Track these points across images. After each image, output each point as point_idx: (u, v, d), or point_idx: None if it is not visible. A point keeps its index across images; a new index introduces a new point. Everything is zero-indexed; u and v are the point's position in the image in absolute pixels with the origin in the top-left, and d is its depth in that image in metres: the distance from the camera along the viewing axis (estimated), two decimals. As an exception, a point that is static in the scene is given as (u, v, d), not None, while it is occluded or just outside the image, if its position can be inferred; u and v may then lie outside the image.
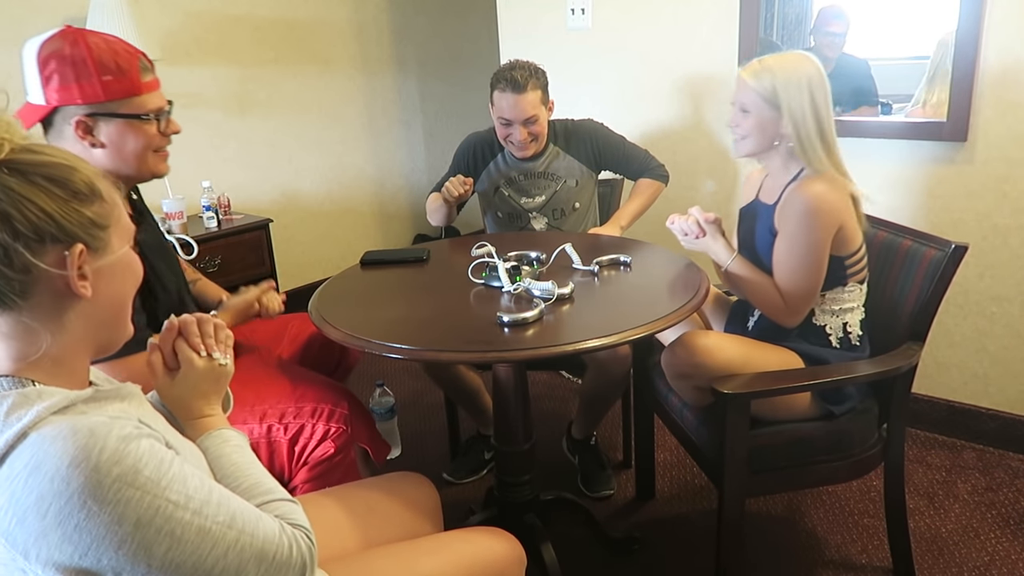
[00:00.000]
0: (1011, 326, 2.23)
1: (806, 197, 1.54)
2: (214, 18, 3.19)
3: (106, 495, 0.71)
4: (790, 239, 1.58)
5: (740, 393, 1.49)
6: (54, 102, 1.33)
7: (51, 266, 0.78)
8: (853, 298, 1.65)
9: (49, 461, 0.71)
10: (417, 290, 1.76)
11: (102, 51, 1.34)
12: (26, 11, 2.63)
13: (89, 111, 1.34)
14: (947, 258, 1.58)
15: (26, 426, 0.74)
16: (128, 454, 0.74)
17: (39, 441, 0.73)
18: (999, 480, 2.18)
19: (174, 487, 0.76)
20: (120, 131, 1.37)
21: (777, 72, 1.56)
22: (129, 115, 1.37)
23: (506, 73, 2.11)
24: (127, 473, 0.73)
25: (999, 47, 2.03)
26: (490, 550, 1.21)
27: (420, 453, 2.48)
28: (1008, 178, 2.12)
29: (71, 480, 0.71)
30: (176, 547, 0.76)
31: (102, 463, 0.72)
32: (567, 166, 2.28)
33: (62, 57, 1.32)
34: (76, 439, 0.72)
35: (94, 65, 1.32)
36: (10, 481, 0.72)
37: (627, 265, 1.75)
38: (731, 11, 2.44)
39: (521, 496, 1.74)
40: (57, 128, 1.36)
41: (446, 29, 4.27)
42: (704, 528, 2.03)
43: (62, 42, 1.33)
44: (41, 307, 0.79)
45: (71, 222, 0.79)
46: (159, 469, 0.76)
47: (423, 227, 4.32)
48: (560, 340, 1.34)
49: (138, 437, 0.76)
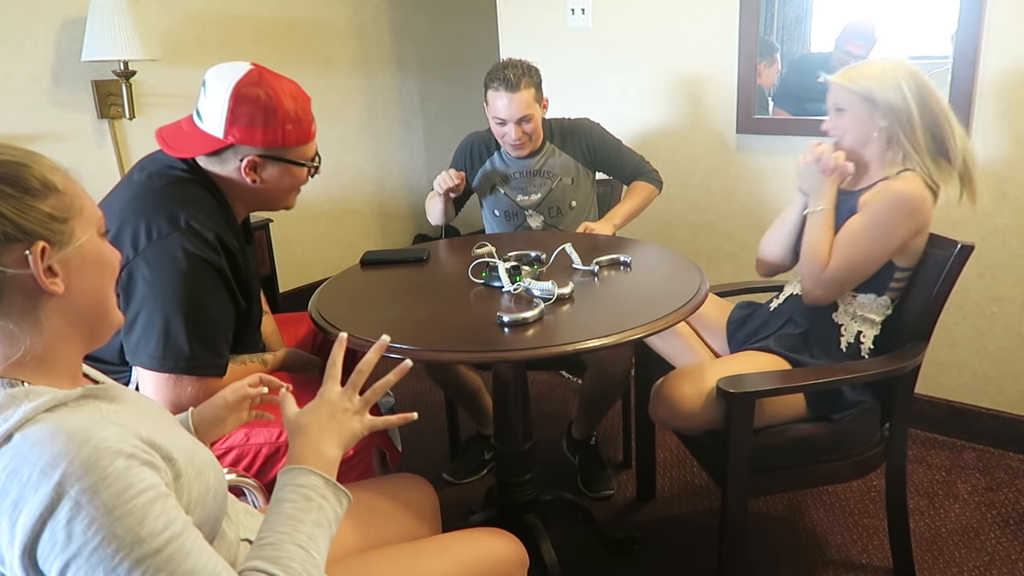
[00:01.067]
0: (1011, 326, 2.23)
1: (904, 190, 1.54)
2: (214, 18, 3.19)
3: (58, 513, 0.70)
4: (868, 221, 1.58)
5: (745, 392, 1.49)
6: (233, 140, 1.38)
7: (13, 267, 0.76)
8: (880, 311, 1.65)
9: (25, 467, 0.71)
10: (417, 290, 1.76)
11: (288, 99, 1.40)
12: (26, 11, 2.63)
13: (262, 153, 1.40)
14: (953, 258, 1.58)
15: (12, 428, 0.73)
16: (95, 469, 0.71)
17: (21, 444, 0.72)
18: (999, 480, 2.18)
19: (125, 522, 0.71)
20: (282, 173, 1.45)
21: (869, 75, 1.59)
22: (295, 162, 1.45)
23: (499, 72, 2.10)
24: (85, 491, 0.70)
25: (999, 47, 2.03)
26: (492, 551, 1.21)
27: (420, 453, 2.48)
28: (1008, 178, 2.12)
29: (39, 488, 0.70)
30: None
31: (67, 474, 0.70)
32: (563, 164, 2.28)
33: (255, 101, 1.36)
34: (54, 445, 0.72)
35: (283, 114, 1.39)
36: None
37: (627, 265, 1.75)
38: (731, 11, 2.43)
39: (521, 496, 1.74)
40: (223, 159, 1.41)
41: (446, 29, 4.27)
42: (705, 528, 2.03)
43: (255, 85, 1.37)
44: (13, 308, 0.78)
45: (28, 220, 0.77)
46: (120, 496, 0.71)
47: (423, 227, 4.31)
48: (560, 340, 1.34)
49: (116, 454, 0.73)
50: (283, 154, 1.43)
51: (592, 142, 2.30)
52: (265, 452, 1.42)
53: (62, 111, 2.75)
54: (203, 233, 1.34)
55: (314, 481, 0.90)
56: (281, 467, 0.93)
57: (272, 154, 1.41)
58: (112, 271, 0.89)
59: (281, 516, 0.87)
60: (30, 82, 2.67)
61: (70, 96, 2.76)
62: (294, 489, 0.89)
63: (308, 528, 0.87)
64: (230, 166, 1.42)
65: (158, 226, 1.32)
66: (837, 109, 1.64)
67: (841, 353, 1.66)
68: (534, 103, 2.13)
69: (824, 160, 1.65)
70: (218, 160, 1.42)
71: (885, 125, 1.58)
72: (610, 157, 2.32)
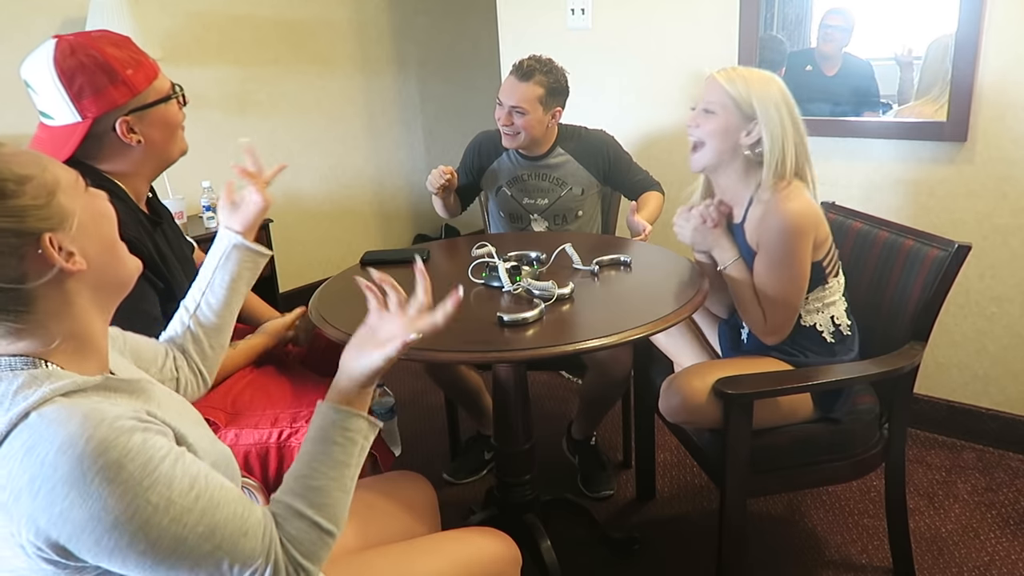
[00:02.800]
0: (1011, 326, 2.23)
1: (787, 217, 1.52)
2: (214, 18, 3.19)
3: (88, 488, 0.71)
4: (773, 260, 1.57)
5: (743, 393, 1.49)
6: (92, 114, 1.30)
7: (37, 275, 0.77)
8: (834, 291, 1.66)
9: (42, 444, 0.72)
10: (417, 290, 1.76)
11: (110, 48, 1.32)
12: (26, 11, 2.63)
13: (127, 110, 1.33)
14: (950, 258, 1.58)
15: (30, 406, 0.74)
16: (115, 446, 0.73)
17: (38, 422, 0.73)
18: (999, 480, 2.18)
19: (157, 488, 0.74)
20: (156, 119, 1.37)
21: (752, 82, 1.55)
22: (158, 101, 1.37)
23: (524, 60, 2.14)
24: (110, 466, 0.72)
25: (999, 47, 2.03)
26: (486, 550, 1.21)
27: (420, 453, 2.48)
28: (1008, 178, 2.12)
29: (58, 466, 0.71)
30: (151, 551, 0.74)
31: (88, 453, 0.71)
32: (575, 173, 2.27)
33: (83, 68, 1.29)
34: (70, 425, 0.73)
35: (116, 64, 1.31)
36: (8, 459, 0.73)
37: (627, 265, 1.75)
38: (731, 11, 2.43)
39: (521, 496, 1.74)
40: (96, 139, 1.34)
41: (446, 29, 4.27)
42: (705, 528, 2.03)
43: (72, 54, 1.29)
44: (50, 307, 0.80)
45: (22, 222, 0.76)
46: (145, 467, 0.74)
47: (423, 227, 4.32)
48: (560, 340, 1.34)
49: (131, 431, 0.75)
50: (142, 100, 1.34)
51: (608, 157, 2.29)
52: (255, 452, 1.42)
53: (62, 111, 2.75)
54: None
55: (360, 424, 0.94)
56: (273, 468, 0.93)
57: (136, 105, 1.34)
58: (110, 217, 0.88)
59: (329, 460, 0.90)
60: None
61: (70, 96, 2.76)
62: (342, 433, 0.92)
63: (352, 471, 0.92)
64: (107, 144, 1.34)
65: None
66: (707, 110, 1.58)
67: (832, 344, 1.66)
68: (535, 101, 2.12)
69: (708, 217, 1.65)
70: (95, 145, 1.34)
71: (752, 140, 1.55)
72: (621, 172, 2.31)
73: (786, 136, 1.54)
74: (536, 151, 2.26)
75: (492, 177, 2.33)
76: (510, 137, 2.19)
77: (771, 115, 1.53)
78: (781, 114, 1.54)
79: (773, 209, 1.55)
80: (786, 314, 1.61)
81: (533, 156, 2.27)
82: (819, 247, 1.59)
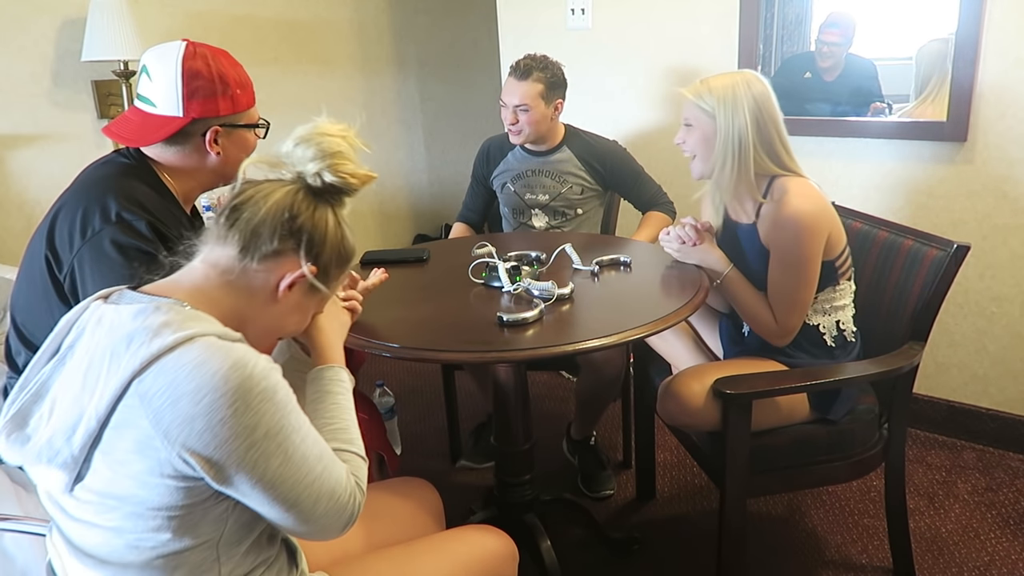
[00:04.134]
0: (1011, 326, 2.23)
1: (795, 216, 1.53)
2: (214, 18, 3.19)
3: (252, 401, 0.83)
4: (784, 261, 1.58)
5: (742, 393, 1.49)
6: (195, 115, 1.38)
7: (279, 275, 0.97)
8: (844, 295, 1.66)
9: (214, 361, 0.83)
10: (417, 290, 1.76)
11: (228, 67, 1.42)
12: (26, 11, 2.63)
13: (222, 122, 1.42)
14: (949, 258, 1.58)
15: (195, 333, 0.85)
16: (270, 376, 0.86)
17: (205, 345, 0.84)
18: (999, 480, 2.18)
19: (294, 415, 0.88)
20: (239, 140, 1.46)
21: (716, 89, 1.58)
22: (248, 125, 1.47)
23: (520, 60, 2.21)
24: (269, 390, 0.85)
25: (999, 47, 2.03)
26: (483, 547, 1.23)
27: (420, 452, 2.48)
28: (1008, 178, 2.12)
29: (229, 379, 0.82)
30: (285, 464, 0.86)
31: (255, 375, 0.84)
32: (575, 172, 2.29)
33: (205, 74, 1.38)
34: (234, 354, 0.85)
35: (231, 80, 1.41)
36: (176, 369, 0.82)
37: (627, 265, 1.75)
38: (731, 11, 2.43)
39: (521, 496, 1.74)
40: (184, 136, 1.41)
41: (446, 29, 4.27)
42: (705, 528, 2.03)
43: (198, 59, 1.39)
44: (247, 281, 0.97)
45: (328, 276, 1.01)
46: (288, 398, 0.88)
47: (423, 227, 4.31)
48: (560, 340, 1.34)
49: (276, 371, 0.89)
50: (237, 120, 1.44)
51: (611, 166, 2.31)
52: None
53: (62, 111, 2.75)
54: (135, 224, 1.32)
55: (343, 375, 1.11)
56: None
57: (230, 121, 1.43)
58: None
59: (339, 407, 1.06)
60: (30, 82, 2.67)
61: (70, 96, 2.76)
62: (338, 384, 1.09)
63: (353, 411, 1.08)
64: (190, 144, 1.41)
65: (92, 223, 1.32)
66: (686, 124, 1.65)
67: (831, 348, 1.66)
68: (537, 97, 2.18)
69: (687, 237, 1.68)
70: (182, 143, 1.41)
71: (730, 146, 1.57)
72: (627, 182, 2.32)
73: (744, 134, 1.56)
74: (542, 146, 2.30)
75: (500, 177, 2.38)
76: (516, 134, 2.25)
77: (727, 116, 1.56)
78: (738, 113, 1.55)
79: (783, 209, 1.56)
80: (799, 315, 1.61)
81: (538, 152, 2.31)
82: (832, 246, 1.59)
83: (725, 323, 1.83)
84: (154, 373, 0.82)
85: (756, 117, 1.56)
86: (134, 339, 0.84)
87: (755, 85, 1.58)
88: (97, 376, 0.85)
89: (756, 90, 1.57)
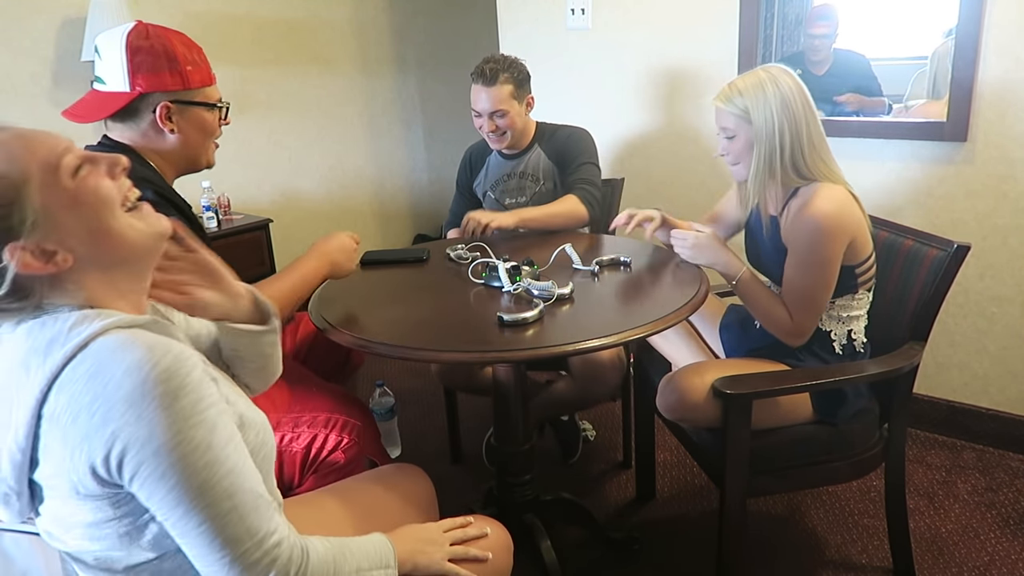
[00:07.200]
0: (1011, 326, 2.23)
1: (817, 218, 1.52)
2: (214, 18, 3.19)
3: (143, 410, 0.74)
4: (803, 262, 1.57)
5: (742, 393, 1.49)
6: (140, 89, 1.39)
7: (20, 277, 0.78)
8: (861, 305, 1.65)
9: (108, 368, 0.75)
10: (417, 290, 1.76)
11: (179, 45, 1.43)
12: (26, 11, 2.63)
13: (172, 98, 1.41)
14: (949, 258, 1.58)
15: (91, 335, 0.77)
16: (176, 376, 0.76)
17: (101, 349, 0.77)
18: (999, 480, 2.18)
19: (201, 429, 0.77)
20: (194, 119, 1.45)
21: (746, 91, 1.57)
22: (203, 103, 1.46)
23: (481, 66, 2.14)
24: (167, 394, 0.75)
25: (999, 47, 2.03)
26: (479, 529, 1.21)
27: (420, 452, 2.48)
28: (1008, 178, 2.12)
29: (121, 386, 0.74)
30: (178, 488, 0.77)
31: (152, 377, 0.75)
32: (545, 169, 2.26)
33: (151, 49, 1.39)
34: (135, 351, 0.76)
35: (180, 56, 1.41)
36: (73, 383, 0.76)
37: (627, 265, 1.75)
38: (731, 11, 2.43)
39: (521, 496, 1.75)
40: (134, 112, 1.41)
41: (446, 29, 4.27)
42: (704, 528, 2.03)
43: (146, 37, 1.40)
44: (54, 289, 0.81)
45: None
46: (196, 405, 0.77)
47: (423, 227, 4.32)
48: (560, 340, 1.34)
49: (193, 367, 0.78)
50: (190, 97, 1.44)
51: (565, 144, 2.24)
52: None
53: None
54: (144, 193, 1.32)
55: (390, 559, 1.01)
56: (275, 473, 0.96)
57: (182, 98, 1.42)
58: (103, 197, 0.83)
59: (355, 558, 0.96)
60: (30, 82, 2.67)
61: (70, 96, 2.73)
62: (383, 545, 1.02)
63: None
64: (144, 121, 1.42)
65: None
66: (728, 137, 1.62)
67: (838, 356, 1.66)
68: (510, 99, 2.13)
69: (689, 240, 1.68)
70: (131, 118, 1.42)
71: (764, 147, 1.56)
72: (568, 162, 2.22)
73: (782, 132, 1.54)
74: (517, 147, 2.27)
75: (481, 186, 2.35)
76: (497, 140, 2.21)
77: (761, 113, 1.55)
78: (769, 106, 1.54)
79: (806, 209, 1.55)
80: (814, 315, 1.60)
81: (512, 155, 2.28)
82: (854, 252, 1.57)
83: (730, 322, 1.83)
84: (55, 393, 0.77)
85: (789, 107, 1.54)
86: (30, 365, 0.78)
87: (783, 78, 1.56)
88: (9, 409, 0.79)
89: (785, 83, 1.55)
